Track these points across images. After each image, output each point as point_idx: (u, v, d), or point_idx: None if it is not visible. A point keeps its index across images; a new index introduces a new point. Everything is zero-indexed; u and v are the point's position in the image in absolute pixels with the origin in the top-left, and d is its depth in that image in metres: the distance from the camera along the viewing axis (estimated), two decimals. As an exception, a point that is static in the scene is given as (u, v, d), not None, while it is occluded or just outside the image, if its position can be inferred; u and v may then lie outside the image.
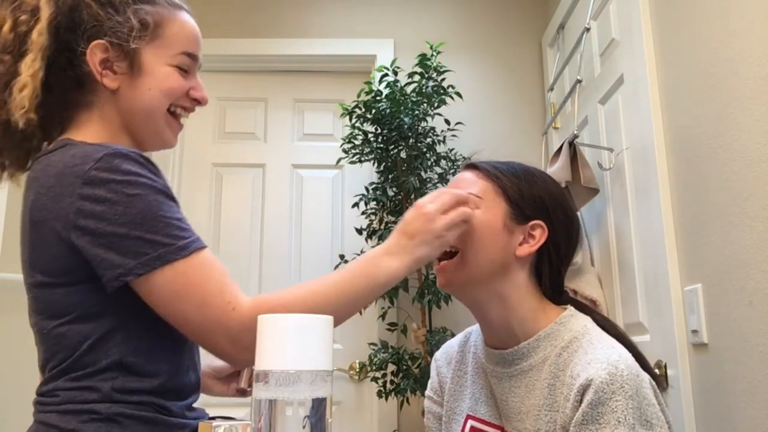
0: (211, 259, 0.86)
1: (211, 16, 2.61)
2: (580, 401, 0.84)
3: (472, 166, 1.03)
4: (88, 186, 0.82)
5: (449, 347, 1.13)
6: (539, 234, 0.96)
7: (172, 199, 0.87)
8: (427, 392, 1.13)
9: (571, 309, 0.98)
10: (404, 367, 2.06)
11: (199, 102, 1.01)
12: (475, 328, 1.09)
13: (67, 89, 0.94)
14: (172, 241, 0.82)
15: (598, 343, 0.90)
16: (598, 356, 0.86)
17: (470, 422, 1.01)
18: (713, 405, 1.29)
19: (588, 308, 1.01)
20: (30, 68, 0.88)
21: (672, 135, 1.47)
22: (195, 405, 0.98)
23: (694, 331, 1.35)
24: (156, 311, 0.84)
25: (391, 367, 2.10)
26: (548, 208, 0.98)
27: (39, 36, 0.89)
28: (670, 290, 1.43)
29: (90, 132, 0.93)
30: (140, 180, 0.83)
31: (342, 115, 2.25)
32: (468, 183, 1.00)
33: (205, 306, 0.83)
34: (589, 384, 0.83)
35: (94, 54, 0.91)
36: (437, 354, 1.15)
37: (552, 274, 0.99)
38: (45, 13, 0.89)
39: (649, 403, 0.84)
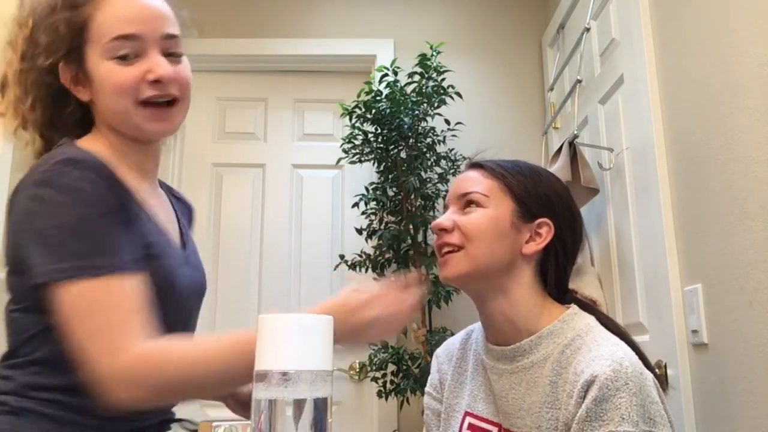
0: (128, 288, 0.81)
1: (211, 16, 2.61)
2: (584, 397, 0.84)
3: (476, 165, 1.04)
4: (34, 186, 0.83)
5: (450, 344, 1.14)
6: (546, 232, 0.97)
7: (119, 216, 0.83)
8: (427, 388, 1.13)
9: (574, 308, 0.98)
10: (404, 367, 2.06)
11: (160, 81, 0.89)
12: (477, 326, 1.09)
13: (71, 110, 0.95)
14: (88, 257, 0.79)
15: (602, 341, 0.90)
16: (603, 353, 0.87)
17: (468, 419, 1.01)
18: (713, 405, 1.29)
19: (591, 307, 1.02)
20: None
21: (672, 135, 1.47)
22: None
23: (694, 331, 1.35)
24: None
25: (391, 367, 2.10)
26: (554, 206, 0.99)
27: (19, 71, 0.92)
28: (670, 290, 1.43)
29: (91, 137, 0.94)
30: (82, 190, 0.81)
31: (342, 115, 2.25)
32: (473, 182, 1.00)
33: (93, 336, 0.78)
34: (593, 380, 0.84)
35: (64, 75, 0.91)
36: (438, 350, 1.15)
37: (557, 272, 0.99)
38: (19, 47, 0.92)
39: (652, 401, 0.84)
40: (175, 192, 1.12)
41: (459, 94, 2.23)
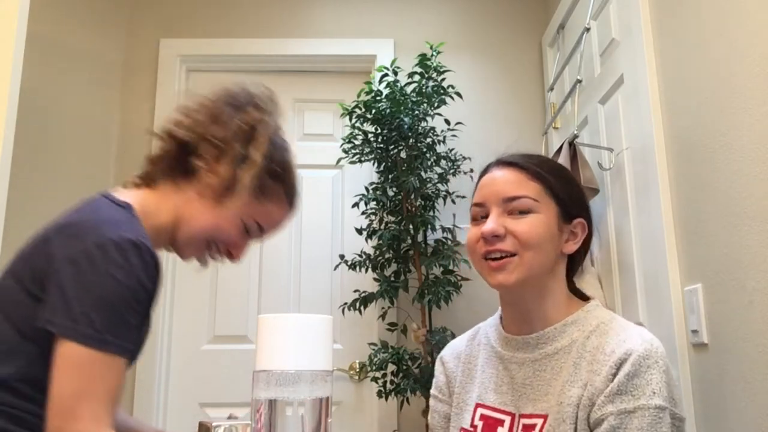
0: (117, 371, 0.88)
1: (211, 17, 2.61)
2: (615, 374, 0.88)
3: (514, 165, 1.03)
4: (94, 245, 0.89)
5: (455, 345, 1.16)
6: (581, 231, 1.02)
7: (146, 306, 0.91)
8: (432, 391, 1.15)
9: (596, 301, 1.04)
10: (404, 367, 2.06)
11: (229, 256, 1.09)
12: (484, 324, 1.12)
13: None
14: (104, 332, 0.86)
15: (628, 326, 0.96)
16: (633, 335, 0.92)
17: (480, 410, 1.03)
18: (713, 405, 1.29)
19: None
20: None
21: (672, 135, 1.47)
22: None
23: (694, 331, 1.35)
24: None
25: (391, 367, 2.10)
26: (585, 205, 1.05)
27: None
28: (670, 290, 1.43)
29: (149, 203, 1.03)
30: (131, 273, 0.88)
31: (342, 115, 2.25)
32: (518, 185, 1.00)
33: (74, 395, 0.84)
34: (627, 357, 0.88)
35: (208, 149, 1.04)
36: (443, 353, 1.16)
37: (578, 263, 1.06)
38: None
39: (674, 384, 0.90)
40: None
41: (459, 94, 2.23)
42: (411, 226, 2.14)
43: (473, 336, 1.13)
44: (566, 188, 1.02)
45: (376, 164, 2.23)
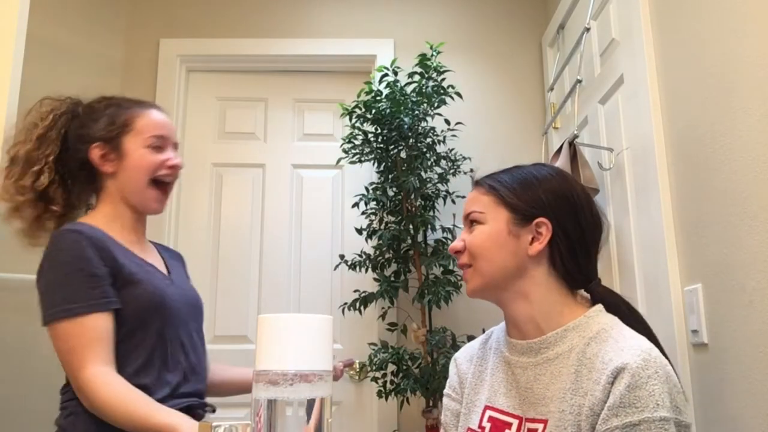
0: (91, 325, 1.15)
1: (211, 17, 2.61)
2: (612, 383, 0.89)
3: (476, 183, 1.12)
4: (48, 246, 1.21)
5: (470, 347, 1.21)
6: (545, 230, 1.02)
7: (91, 271, 1.17)
8: (446, 390, 1.19)
9: (600, 306, 1.04)
10: (404, 367, 2.06)
11: (174, 167, 1.32)
12: (497, 327, 1.16)
13: (83, 183, 1.34)
14: (64, 304, 1.15)
15: (628, 334, 0.96)
16: (631, 345, 0.92)
17: (488, 412, 1.06)
18: (713, 405, 1.29)
19: (619, 305, 1.05)
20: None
21: (672, 135, 1.47)
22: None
23: (694, 331, 1.35)
24: None
25: (391, 367, 2.10)
26: (547, 204, 1.03)
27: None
28: (670, 290, 1.43)
29: (98, 212, 1.32)
30: (69, 251, 1.17)
31: (342, 115, 2.25)
32: (473, 201, 1.09)
33: (67, 359, 1.16)
34: (623, 368, 0.88)
35: (94, 152, 1.30)
36: (457, 354, 1.21)
37: (568, 262, 1.03)
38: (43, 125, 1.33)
39: (677, 390, 0.89)
40: (163, 246, 1.51)
41: (459, 94, 2.23)
42: (411, 226, 2.14)
43: (486, 339, 1.17)
44: (519, 193, 1.04)
45: (376, 164, 2.23)
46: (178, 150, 1.38)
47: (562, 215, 1.03)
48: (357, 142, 2.22)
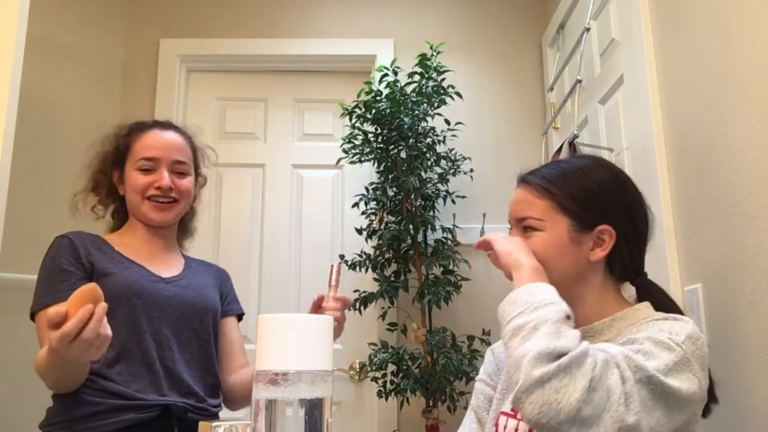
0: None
1: (211, 17, 2.61)
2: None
3: (524, 183, 1.06)
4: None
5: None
6: (608, 238, 1.00)
7: (63, 269, 1.31)
8: (480, 376, 1.19)
9: (647, 303, 1.03)
10: (404, 367, 2.06)
11: (161, 188, 1.40)
12: None
13: (122, 201, 1.49)
14: (40, 298, 1.29)
15: (675, 319, 0.95)
16: (680, 324, 0.91)
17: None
18: (713, 405, 1.29)
19: (669, 305, 1.05)
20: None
21: (672, 135, 1.47)
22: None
23: (694, 331, 1.35)
24: None
25: (391, 367, 2.10)
26: (607, 209, 1.01)
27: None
28: (670, 290, 1.43)
29: (123, 225, 1.50)
30: (51, 254, 1.34)
31: (342, 115, 2.25)
32: (525, 205, 1.03)
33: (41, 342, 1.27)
34: (676, 333, 0.88)
35: (115, 177, 1.47)
36: (494, 345, 1.21)
37: (627, 262, 1.03)
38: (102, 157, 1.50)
39: (707, 367, 0.93)
40: (201, 261, 1.63)
41: (459, 94, 2.23)
42: (411, 226, 2.14)
43: None
44: (578, 199, 1.01)
45: (376, 164, 2.23)
46: (181, 172, 1.44)
47: (622, 221, 1.01)
48: (357, 142, 2.22)
